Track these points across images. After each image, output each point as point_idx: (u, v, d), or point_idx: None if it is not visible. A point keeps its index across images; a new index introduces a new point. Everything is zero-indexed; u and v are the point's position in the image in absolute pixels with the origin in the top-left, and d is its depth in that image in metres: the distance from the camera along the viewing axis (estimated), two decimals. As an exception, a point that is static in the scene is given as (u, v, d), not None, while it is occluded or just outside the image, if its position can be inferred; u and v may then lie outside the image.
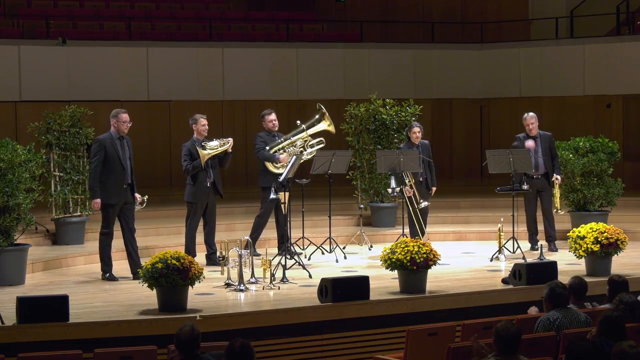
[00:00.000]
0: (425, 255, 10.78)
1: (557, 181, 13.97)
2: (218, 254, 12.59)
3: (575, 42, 20.90)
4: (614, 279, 9.04)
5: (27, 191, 11.94)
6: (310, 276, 11.93)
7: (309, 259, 13.34)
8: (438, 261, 10.99)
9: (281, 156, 13.47)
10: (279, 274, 11.64)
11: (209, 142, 12.87)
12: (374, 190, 16.08)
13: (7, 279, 11.67)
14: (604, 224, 12.02)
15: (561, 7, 22.29)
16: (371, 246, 14.42)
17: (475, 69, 21.90)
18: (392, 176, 13.72)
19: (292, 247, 13.06)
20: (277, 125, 13.70)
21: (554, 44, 21.18)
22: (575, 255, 12.02)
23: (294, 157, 12.85)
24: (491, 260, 13.19)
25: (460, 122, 22.09)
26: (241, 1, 23.72)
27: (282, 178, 12.67)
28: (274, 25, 22.01)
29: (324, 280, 10.32)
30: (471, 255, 13.96)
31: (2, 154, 11.62)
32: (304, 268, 12.28)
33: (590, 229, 11.85)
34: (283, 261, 11.88)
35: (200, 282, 10.28)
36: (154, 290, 10.09)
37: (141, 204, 12.15)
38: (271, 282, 11.41)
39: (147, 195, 12.36)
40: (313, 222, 14.61)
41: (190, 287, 10.16)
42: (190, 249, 12.73)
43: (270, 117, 13.68)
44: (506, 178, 13.67)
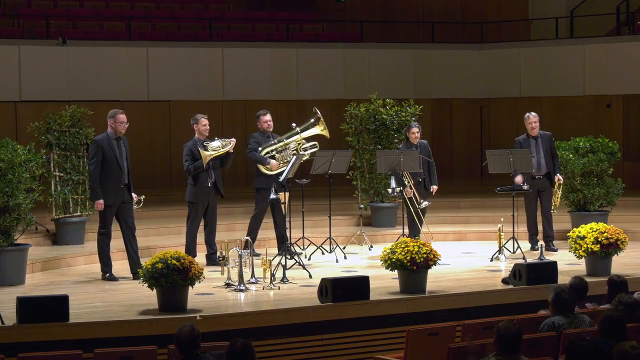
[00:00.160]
0: (425, 255, 10.78)
1: (560, 181, 13.98)
2: (218, 254, 12.58)
3: (575, 42, 20.89)
4: (614, 279, 9.05)
5: (27, 191, 11.93)
6: (310, 276, 11.93)
7: (309, 259, 13.34)
8: (438, 261, 10.99)
9: (272, 161, 13.41)
10: (279, 274, 11.64)
11: (211, 143, 12.85)
12: (374, 190, 16.08)
13: (7, 279, 11.67)
14: (604, 224, 12.03)
15: (561, 7, 22.28)
16: (371, 246, 14.42)
17: (475, 69, 21.89)
18: (392, 176, 13.73)
19: (292, 247, 13.06)
20: (272, 126, 13.67)
21: (554, 44, 21.17)
22: (575, 255, 12.02)
23: (294, 157, 12.84)
24: (491, 260, 13.19)
25: (460, 122, 22.08)
26: (241, 1, 23.71)
27: (282, 178, 12.67)
28: (274, 25, 22.01)
29: (324, 280, 10.32)
30: (471, 255, 13.96)
31: (2, 154, 11.61)
32: (304, 268, 12.28)
33: (590, 229, 11.85)
34: (283, 261, 11.88)
35: (200, 282, 10.28)
36: (154, 290, 10.09)
37: (138, 204, 12.15)
38: (271, 282, 11.41)
39: (147, 195, 12.36)
40: (313, 222, 14.61)
41: (190, 287, 10.16)
42: (190, 249, 12.72)
43: (265, 118, 13.64)
44: (506, 178, 13.67)
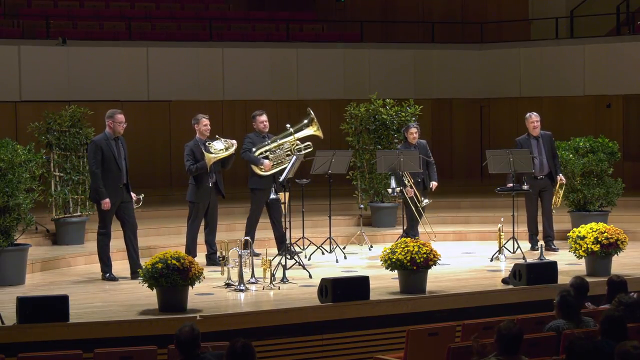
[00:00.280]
0: (425, 255, 10.78)
1: (562, 181, 13.97)
2: (218, 254, 12.58)
3: (575, 42, 20.89)
4: (613, 280, 9.04)
5: (27, 191, 11.93)
6: (310, 276, 11.93)
7: (309, 259, 13.33)
8: (438, 261, 10.99)
9: (265, 161, 13.40)
10: (279, 274, 11.64)
11: (214, 143, 12.83)
12: (374, 190, 16.07)
13: (7, 279, 11.67)
14: (604, 224, 12.03)
15: (561, 7, 22.28)
16: (371, 246, 14.41)
17: (475, 69, 21.89)
18: (392, 176, 13.73)
19: (292, 247, 13.05)
20: (268, 126, 13.64)
21: (554, 44, 21.18)
22: (575, 255, 12.03)
23: (295, 157, 12.84)
24: (491, 260, 13.19)
25: (460, 122, 22.08)
26: (241, 1, 23.70)
27: (283, 178, 12.67)
28: (274, 25, 22.00)
29: (324, 280, 10.32)
30: (471, 255, 13.96)
31: (2, 154, 11.61)
32: (304, 268, 12.27)
33: (590, 229, 11.85)
34: (283, 261, 11.88)
35: (200, 282, 10.28)
36: (154, 290, 10.09)
37: (137, 203, 12.15)
38: (271, 282, 11.41)
39: (148, 195, 12.34)
40: (313, 222, 14.60)
41: (190, 287, 10.17)
42: (190, 249, 12.72)
43: (261, 118, 13.61)
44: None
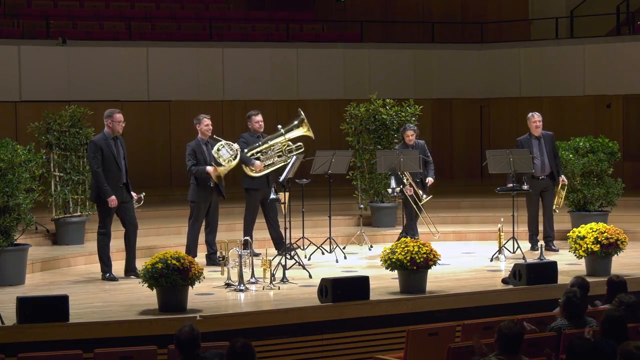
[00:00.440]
0: (425, 255, 10.78)
1: (564, 182, 13.96)
2: (218, 254, 12.58)
3: (575, 42, 20.89)
4: (613, 280, 9.04)
5: (27, 191, 11.93)
6: (310, 276, 11.93)
7: (309, 259, 13.33)
8: (438, 261, 10.99)
9: (256, 162, 13.37)
10: (279, 274, 11.64)
11: (221, 153, 12.79)
12: (374, 190, 16.07)
13: (7, 279, 11.67)
14: (604, 224, 12.02)
15: (561, 7, 22.28)
16: (371, 246, 14.41)
17: (475, 69, 21.88)
18: (392, 176, 13.73)
19: (293, 246, 13.04)
20: (263, 126, 13.64)
21: (554, 44, 21.17)
22: (575, 255, 12.02)
23: (294, 158, 12.84)
24: (491, 260, 13.19)
25: (460, 122, 22.07)
26: (241, 1, 23.70)
27: (282, 178, 12.67)
28: (274, 25, 22.00)
29: (324, 280, 10.32)
30: (471, 255, 13.95)
31: (2, 154, 11.61)
32: (304, 268, 12.27)
33: (590, 229, 11.85)
34: (283, 261, 11.88)
35: (200, 282, 10.28)
36: (154, 290, 10.09)
37: (138, 202, 12.15)
38: (271, 282, 11.41)
39: (147, 195, 12.33)
40: (313, 222, 14.60)
41: (190, 287, 10.16)
42: (191, 249, 12.72)
43: (257, 118, 13.61)
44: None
